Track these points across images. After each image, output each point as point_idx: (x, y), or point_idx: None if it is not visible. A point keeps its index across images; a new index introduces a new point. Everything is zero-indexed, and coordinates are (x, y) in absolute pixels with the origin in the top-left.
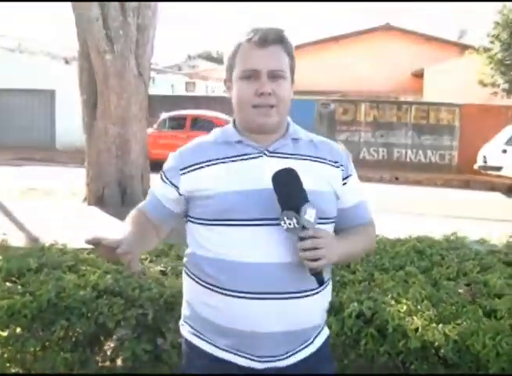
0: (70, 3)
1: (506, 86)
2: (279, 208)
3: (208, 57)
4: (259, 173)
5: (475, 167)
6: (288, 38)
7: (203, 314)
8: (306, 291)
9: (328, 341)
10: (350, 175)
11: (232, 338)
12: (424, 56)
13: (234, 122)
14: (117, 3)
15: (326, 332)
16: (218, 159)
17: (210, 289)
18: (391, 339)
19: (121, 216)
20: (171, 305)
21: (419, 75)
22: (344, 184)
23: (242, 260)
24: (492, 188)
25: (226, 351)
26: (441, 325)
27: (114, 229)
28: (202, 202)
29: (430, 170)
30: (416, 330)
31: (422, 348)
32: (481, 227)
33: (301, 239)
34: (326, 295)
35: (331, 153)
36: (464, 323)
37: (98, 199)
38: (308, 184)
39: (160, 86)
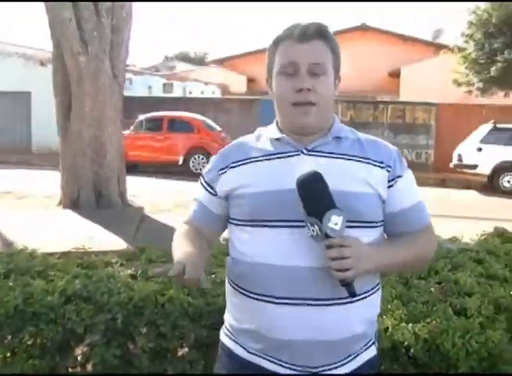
0: (43, 3)
1: (480, 85)
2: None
3: (186, 58)
4: (293, 172)
5: (451, 165)
6: (331, 34)
7: (233, 316)
8: (334, 299)
9: (372, 366)
10: (398, 176)
11: (258, 342)
12: (400, 56)
13: (277, 121)
14: (90, 4)
15: (368, 354)
16: (254, 157)
17: (237, 291)
18: None
19: (96, 219)
20: (141, 309)
21: (395, 75)
22: (391, 186)
23: (269, 262)
24: (468, 186)
25: (255, 354)
26: (411, 324)
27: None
28: (236, 202)
29: None
30: (386, 330)
31: (392, 348)
32: (457, 225)
33: (328, 247)
34: (363, 306)
35: (377, 153)
36: (434, 321)
37: (73, 202)
38: (344, 185)
39: (138, 88)
